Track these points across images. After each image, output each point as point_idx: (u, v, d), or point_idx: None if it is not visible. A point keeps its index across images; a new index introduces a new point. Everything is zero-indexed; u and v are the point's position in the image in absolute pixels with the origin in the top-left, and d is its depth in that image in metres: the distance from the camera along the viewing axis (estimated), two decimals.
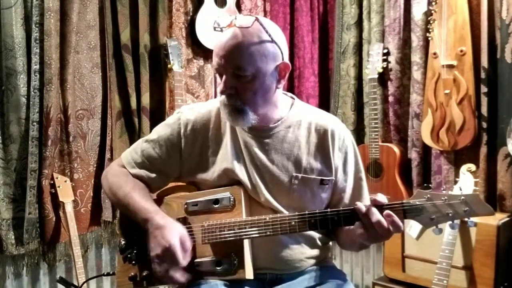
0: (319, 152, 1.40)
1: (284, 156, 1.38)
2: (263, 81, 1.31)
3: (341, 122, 1.48)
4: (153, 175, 1.43)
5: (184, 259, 1.26)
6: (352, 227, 1.25)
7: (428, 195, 1.15)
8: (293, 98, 1.48)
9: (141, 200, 1.34)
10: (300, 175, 1.37)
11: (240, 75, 1.28)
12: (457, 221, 1.17)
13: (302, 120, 1.42)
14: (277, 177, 1.36)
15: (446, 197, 1.14)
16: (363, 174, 1.46)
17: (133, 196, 1.35)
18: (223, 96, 1.31)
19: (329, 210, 1.25)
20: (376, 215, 1.16)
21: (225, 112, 1.33)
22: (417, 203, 1.16)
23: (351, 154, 1.44)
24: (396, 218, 1.16)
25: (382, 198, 1.19)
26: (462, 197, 1.13)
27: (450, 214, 1.14)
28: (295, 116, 1.42)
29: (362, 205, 1.19)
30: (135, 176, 1.42)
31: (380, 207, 1.17)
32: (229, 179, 1.38)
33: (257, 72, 1.29)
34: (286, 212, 1.34)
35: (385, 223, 1.16)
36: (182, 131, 1.42)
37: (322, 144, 1.40)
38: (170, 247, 1.24)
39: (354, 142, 1.47)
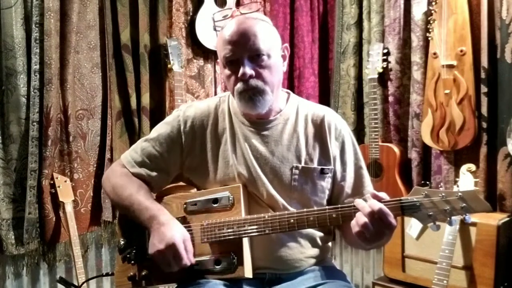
0: (317, 142, 1.42)
1: (284, 148, 1.40)
2: (276, 60, 1.38)
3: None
4: (154, 173, 1.43)
5: (187, 259, 1.27)
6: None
7: (426, 192, 1.16)
8: (288, 93, 1.51)
9: (146, 200, 1.35)
10: (300, 166, 1.38)
11: (258, 54, 1.32)
12: (455, 218, 1.16)
13: (299, 112, 1.45)
14: (278, 168, 1.38)
15: (443, 194, 1.14)
16: (363, 163, 1.47)
17: (138, 197, 1.36)
18: (240, 83, 1.33)
19: (327, 207, 1.25)
20: (373, 206, 1.15)
21: (244, 98, 1.34)
22: (415, 199, 1.17)
23: (349, 143, 1.45)
24: (385, 210, 1.14)
25: (382, 194, 1.19)
26: (459, 194, 1.13)
27: (447, 210, 1.14)
28: (292, 108, 1.45)
29: (361, 200, 1.19)
30: (136, 175, 1.43)
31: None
32: (230, 174, 1.39)
33: (270, 51, 1.35)
34: (286, 205, 1.36)
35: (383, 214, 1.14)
36: (181, 128, 1.44)
37: (319, 134, 1.42)
38: (174, 244, 1.25)
39: (352, 133, 1.49)
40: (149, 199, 1.37)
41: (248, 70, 1.31)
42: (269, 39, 1.36)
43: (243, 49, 1.32)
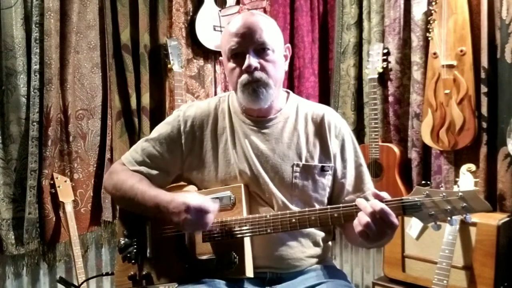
0: (317, 140, 1.43)
1: (284, 145, 1.40)
2: (280, 57, 1.40)
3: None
4: (154, 172, 1.44)
5: (211, 207, 1.25)
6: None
7: (427, 192, 1.17)
8: (288, 92, 1.52)
9: (149, 189, 1.35)
10: (301, 163, 1.39)
11: (263, 48, 1.34)
12: (455, 218, 1.17)
13: (299, 111, 1.46)
14: (279, 166, 1.38)
15: (444, 194, 1.15)
16: (363, 161, 1.48)
17: (139, 187, 1.36)
18: (245, 75, 1.33)
19: (329, 206, 1.26)
20: (374, 206, 1.15)
21: (248, 90, 1.34)
22: (416, 199, 1.17)
23: (349, 141, 1.46)
24: (387, 210, 1.14)
25: (383, 194, 1.19)
26: (460, 193, 1.14)
27: (448, 210, 1.15)
28: (292, 107, 1.46)
29: (363, 200, 1.19)
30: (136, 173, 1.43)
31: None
32: (231, 172, 1.39)
33: (275, 46, 1.37)
34: (287, 202, 1.36)
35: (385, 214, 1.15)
36: (182, 127, 1.44)
37: (320, 132, 1.43)
38: (189, 207, 1.24)
39: (351, 131, 1.50)
40: (151, 187, 1.37)
41: (254, 62, 1.32)
42: (274, 36, 1.38)
43: (249, 41, 1.33)
